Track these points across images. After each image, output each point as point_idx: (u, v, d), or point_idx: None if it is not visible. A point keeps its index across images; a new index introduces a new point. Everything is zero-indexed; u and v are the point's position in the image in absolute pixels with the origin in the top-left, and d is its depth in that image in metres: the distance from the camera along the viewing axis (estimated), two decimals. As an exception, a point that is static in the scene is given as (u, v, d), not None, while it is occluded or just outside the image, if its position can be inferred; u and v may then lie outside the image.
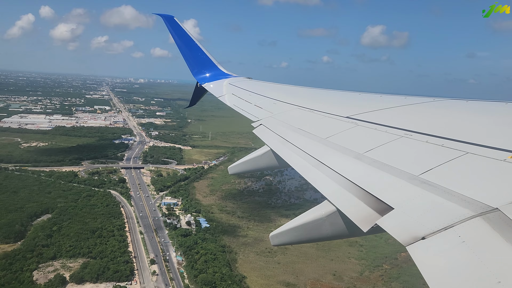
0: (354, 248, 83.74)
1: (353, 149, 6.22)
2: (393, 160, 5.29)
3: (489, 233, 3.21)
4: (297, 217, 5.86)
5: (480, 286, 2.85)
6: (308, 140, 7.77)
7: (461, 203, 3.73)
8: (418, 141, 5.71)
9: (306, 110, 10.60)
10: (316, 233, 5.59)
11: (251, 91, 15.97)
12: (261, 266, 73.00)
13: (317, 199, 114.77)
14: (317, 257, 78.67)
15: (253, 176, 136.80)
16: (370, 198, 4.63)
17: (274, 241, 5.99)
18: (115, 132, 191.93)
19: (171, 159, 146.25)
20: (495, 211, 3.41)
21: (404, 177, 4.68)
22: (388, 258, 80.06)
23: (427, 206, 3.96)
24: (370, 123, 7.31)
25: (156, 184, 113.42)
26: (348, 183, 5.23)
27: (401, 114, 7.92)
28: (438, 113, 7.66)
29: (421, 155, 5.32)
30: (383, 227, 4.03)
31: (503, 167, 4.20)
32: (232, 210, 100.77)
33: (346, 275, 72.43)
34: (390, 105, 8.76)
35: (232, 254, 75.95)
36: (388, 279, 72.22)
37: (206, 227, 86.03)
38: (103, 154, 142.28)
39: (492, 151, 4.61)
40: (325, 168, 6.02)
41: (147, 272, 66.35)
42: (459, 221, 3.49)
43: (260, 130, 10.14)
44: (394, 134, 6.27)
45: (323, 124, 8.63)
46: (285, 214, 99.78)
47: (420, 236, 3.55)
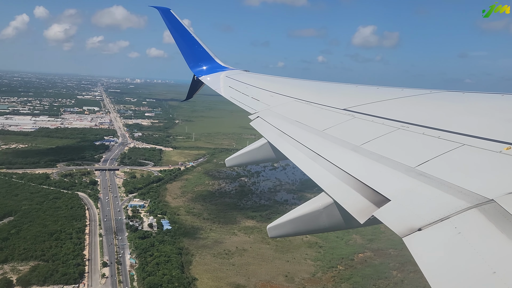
0: (313, 250, 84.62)
1: (350, 141, 6.30)
2: (390, 152, 5.37)
3: (485, 224, 3.23)
4: (295, 209, 5.96)
5: (476, 277, 2.88)
6: (305, 132, 7.83)
7: (457, 194, 3.77)
8: (414, 133, 5.77)
9: (303, 103, 10.65)
10: (313, 225, 5.67)
11: (248, 84, 15.99)
12: (215, 268, 73.92)
13: (287, 200, 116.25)
14: (274, 258, 79.54)
15: (228, 177, 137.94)
16: (367, 190, 4.69)
17: (272, 233, 6.06)
18: (98, 133, 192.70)
19: (149, 160, 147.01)
20: (491, 202, 3.45)
21: (401, 169, 4.74)
22: (345, 259, 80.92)
23: (423, 198, 4.02)
24: (367, 115, 7.37)
25: (127, 186, 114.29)
26: (345, 175, 5.30)
27: (398, 106, 8.00)
28: (434, 105, 7.71)
29: (418, 147, 5.39)
30: (379, 218, 4.06)
31: (499, 159, 4.24)
32: (199, 212, 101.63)
33: (298, 276, 73.29)
34: (387, 97, 8.84)
35: (188, 256, 76.82)
36: (339, 280, 73.07)
37: (167, 229, 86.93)
38: (80, 156, 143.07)
39: (488, 143, 4.63)
40: (322, 160, 6.10)
41: (97, 275, 67.30)
42: (455, 213, 3.52)
43: (257, 122, 10.18)
44: (391, 126, 6.34)
45: (320, 116, 8.75)
46: (251, 215, 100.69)
47: (416, 227, 3.58)
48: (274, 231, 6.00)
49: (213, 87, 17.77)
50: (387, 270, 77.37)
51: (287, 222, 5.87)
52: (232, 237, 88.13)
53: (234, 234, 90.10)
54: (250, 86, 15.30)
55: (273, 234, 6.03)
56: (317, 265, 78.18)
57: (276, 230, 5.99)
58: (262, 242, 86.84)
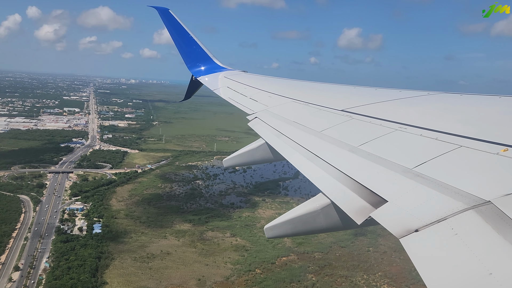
0: (237, 253, 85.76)
1: (347, 142, 6.33)
2: (387, 153, 5.38)
3: (482, 226, 3.24)
4: (292, 209, 5.98)
5: (472, 278, 2.88)
6: (303, 133, 7.85)
7: (454, 196, 3.79)
8: (412, 135, 5.79)
9: (301, 103, 10.64)
10: (310, 226, 5.69)
11: (246, 84, 15.98)
12: (130, 272, 75.10)
13: (234, 203, 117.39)
14: (194, 262, 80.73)
15: (183, 180, 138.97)
16: (364, 191, 4.69)
17: (269, 233, 6.05)
18: (68, 135, 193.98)
19: (108, 163, 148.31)
20: (488, 204, 3.46)
21: (398, 170, 4.76)
22: (266, 263, 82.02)
23: (420, 199, 4.02)
24: (364, 116, 7.38)
25: (74, 189, 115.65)
26: (342, 176, 5.31)
27: (396, 108, 8.01)
28: (432, 106, 7.71)
29: (415, 148, 5.38)
30: (376, 219, 4.08)
31: (496, 161, 4.26)
32: (138, 215, 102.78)
33: (212, 280, 74.45)
34: (385, 98, 8.86)
35: (108, 260, 77.97)
36: (251, 284, 74.16)
37: (96, 233, 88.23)
38: (39, 159, 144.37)
39: (485, 145, 4.65)
40: (319, 161, 6.11)
41: (5, 279, 68.60)
42: (452, 214, 3.53)
43: (255, 123, 10.20)
44: (389, 127, 6.37)
45: (318, 117, 8.71)
46: (190, 219, 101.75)
47: (413, 228, 3.60)
48: (271, 231, 6.03)
49: (211, 87, 17.80)
50: (304, 274, 78.48)
51: (284, 222, 5.93)
52: (161, 241, 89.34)
53: (165, 237, 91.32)
54: (248, 87, 15.37)
55: (270, 234, 6.06)
56: (236, 268, 79.34)
57: (274, 231, 6.02)
58: (190, 246, 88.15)
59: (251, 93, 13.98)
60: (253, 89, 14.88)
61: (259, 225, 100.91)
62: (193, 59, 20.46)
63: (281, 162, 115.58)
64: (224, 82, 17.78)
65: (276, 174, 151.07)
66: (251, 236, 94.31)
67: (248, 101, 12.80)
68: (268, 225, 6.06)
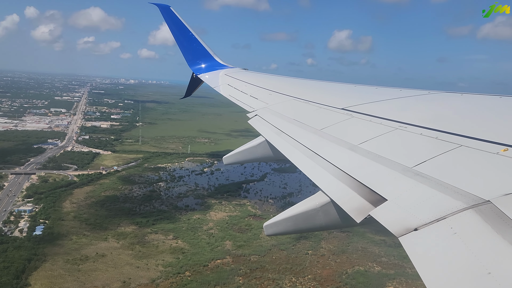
0: (173, 256, 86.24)
1: (348, 141, 6.37)
2: (387, 152, 5.41)
3: (481, 225, 3.25)
4: (291, 207, 5.99)
5: (471, 277, 2.89)
6: (303, 131, 7.90)
7: (454, 195, 3.81)
8: (412, 134, 5.83)
9: (301, 101, 10.66)
10: (309, 224, 5.71)
11: (247, 82, 15.98)
12: (58, 274, 75.90)
13: (188, 205, 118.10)
14: (126, 264, 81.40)
15: (146, 182, 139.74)
16: (364, 189, 4.72)
17: (268, 231, 6.09)
18: (45, 136, 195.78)
19: (76, 164, 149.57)
20: (487, 203, 3.48)
21: (398, 169, 4.79)
22: (198, 265, 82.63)
23: (420, 198, 4.04)
24: (365, 115, 7.41)
25: (29, 190, 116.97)
26: (342, 174, 5.34)
27: (396, 107, 8.06)
28: (432, 106, 7.73)
29: (415, 147, 5.42)
30: (376, 218, 4.11)
31: (496, 160, 4.28)
32: (87, 217, 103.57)
33: (137, 282, 75.07)
34: (386, 97, 8.87)
35: (38, 262, 78.91)
36: (176, 286, 74.91)
37: (36, 235, 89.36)
38: (5, 160, 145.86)
39: (485, 144, 4.65)
40: (319, 159, 6.15)
41: None
42: (451, 213, 3.54)
43: (256, 120, 10.23)
44: (389, 126, 6.39)
45: (319, 116, 8.81)
46: (137, 221, 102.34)
47: (413, 227, 3.62)
48: (271, 229, 6.09)
49: (211, 84, 17.83)
50: (232, 276, 79.02)
51: (283, 220, 5.96)
52: (100, 243, 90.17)
53: (105, 239, 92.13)
54: (249, 85, 15.36)
55: (270, 232, 6.10)
56: (166, 271, 79.91)
57: (273, 228, 6.08)
58: (127, 248, 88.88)
59: (251, 91, 14.03)
60: (253, 86, 14.93)
61: (206, 228, 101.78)
62: (193, 56, 20.44)
63: (252, 164, 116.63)
64: (225, 79, 17.78)
65: (243, 177, 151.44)
66: (193, 239, 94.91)
67: (249, 99, 12.84)
68: (267, 222, 6.08)
